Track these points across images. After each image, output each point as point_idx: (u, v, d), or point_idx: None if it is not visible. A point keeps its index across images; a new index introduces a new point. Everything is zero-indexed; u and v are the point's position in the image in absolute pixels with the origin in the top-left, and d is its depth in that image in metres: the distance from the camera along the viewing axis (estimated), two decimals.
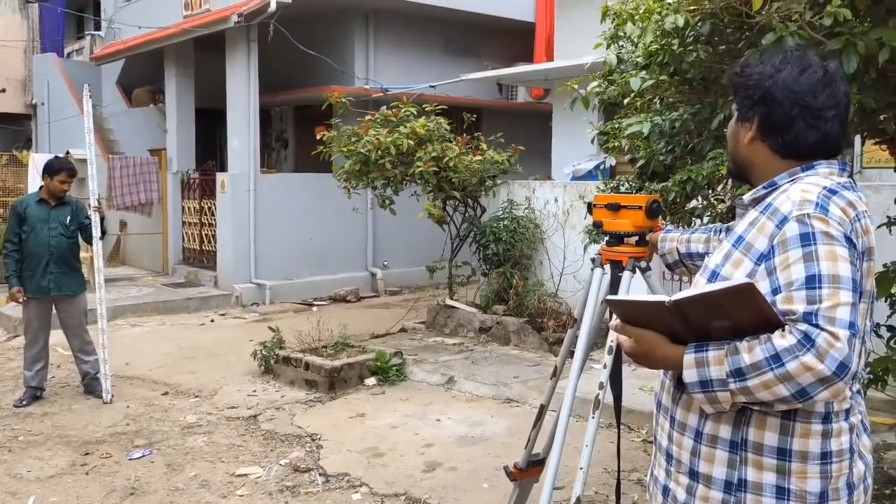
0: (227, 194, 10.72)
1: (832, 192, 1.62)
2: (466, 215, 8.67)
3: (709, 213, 4.00)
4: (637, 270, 2.55)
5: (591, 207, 2.68)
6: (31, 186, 11.09)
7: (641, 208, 2.52)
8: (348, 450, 5.02)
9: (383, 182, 8.12)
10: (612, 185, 5.12)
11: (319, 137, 8.34)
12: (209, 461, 4.85)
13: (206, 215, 11.56)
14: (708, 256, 1.85)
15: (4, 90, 18.21)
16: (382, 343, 7.65)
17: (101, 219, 6.06)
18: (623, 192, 4.63)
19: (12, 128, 18.60)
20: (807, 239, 1.56)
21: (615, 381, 2.57)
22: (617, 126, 4.52)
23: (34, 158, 11.92)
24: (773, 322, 1.53)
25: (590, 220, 2.74)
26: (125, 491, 4.40)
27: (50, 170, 5.99)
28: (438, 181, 8.04)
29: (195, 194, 11.83)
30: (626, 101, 4.17)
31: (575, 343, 2.73)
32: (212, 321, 9.51)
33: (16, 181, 14.63)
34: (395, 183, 8.11)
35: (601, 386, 2.46)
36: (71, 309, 6.09)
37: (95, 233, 6.01)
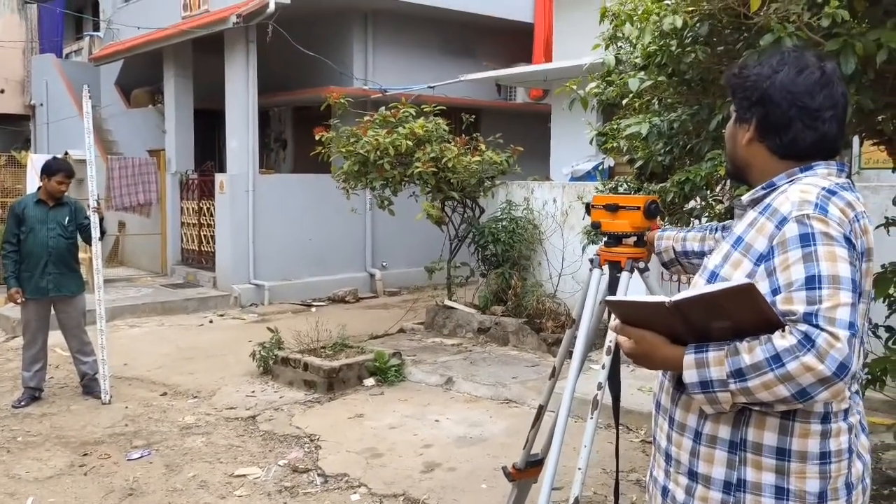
0: (226, 195, 10.72)
1: (831, 193, 1.63)
2: (465, 216, 8.67)
3: (707, 214, 4.00)
4: (635, 271, 2.55)
5: (590, 208, 2.68)
6: (30, 187, 11.10)
7: (640, 209, 2.52)
8: (347, 450, 5.02)
9: (382, 183, 8.12)
10: (611, 186, 5.11)
11: (318, 138, 8.34)
12: (208, 462, 4.85)
13: (205, 216, 11.56)
14: (707, 257, 1.85)
15: (3, 91, 18.20)
16: (381, 344, 7.65)
17: (101, 219, 6.07)
18: (621, 193, 4.63)
19: (11, 128, 18.59)
20: (806, 239, 1.56)
21: (613, 382, 2.58)
22: (615, 127, 4.52)
23: (33, 159, 11.91)
24: (773, 322, 1.53)
25: (588, 221, 2.74)
26: (124, 492, 4.39)
27: (48, 170, 5.99)
28: (437, 182, 8.04)
29: (194, 195, 11.83)
30: (625, 102, 4.18)
31: (573, 344, 2.73)
32: (210, 322, 9.51)
33: (14, 182, 14.64)
34: (394, 184, 8.11)
35: (600, 386, 2.46)
36: (69, 310, 6.09)
37: (95, 233, 6.01)
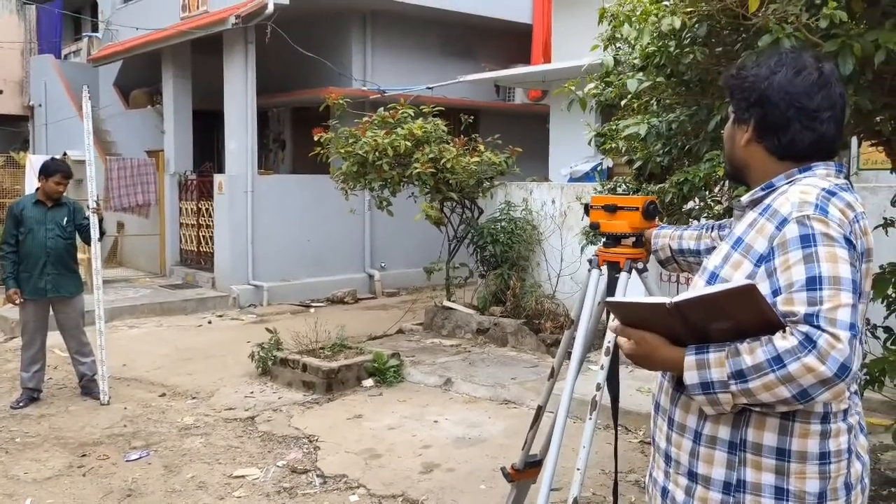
0: (225, 196, 10.71)
1: (831, 194, 1.63)
2: (464, 217, 8.67)
3: (706, 215, 4.01)
4: (634, 271, 2.55)
5: (588, 209, 2.68)
6: (29, 188, 11.08)
7: (638, 209, 2.52)
8: (346, 451, 5.02)
9: (381, 183, 8.12)
10: (609, 187, 5.12)
11: (317, 139, 8.33)
12: (206, 463, 4.84)
13: (204, 217, 11.56)
14: (706, 258, 1.85)
15: (2, 91, 18.19)
16: (380, 344, 7.65)
17: (100, 220, 6.06)
18: (620, 194, 4.63)
19: (9, 129, 18.59)
20: (807, 240, 1.56)
21: (612, 383, 2.58)
22: (614, 127, 4.53)
23: (31, 160, 11.89)
24: (774, 323, 1.53)
25: (587, 222, 2.74)
26: (122, 492, 4.39)
27: (45, 171, 5.99)
28: (436, 182, 8.04)
29: (193, 196, 11.83)
30: (624, 103, 4.18)
31: (572, 344, 2.73)
32: (209, 323, 9.51)
33: (13, 183, 14.62)
34: (393, 184, 8.11)
35: (598, 387, 2.46)
36: (68, 310, 6.08)
37: (94, 234, 6.00)
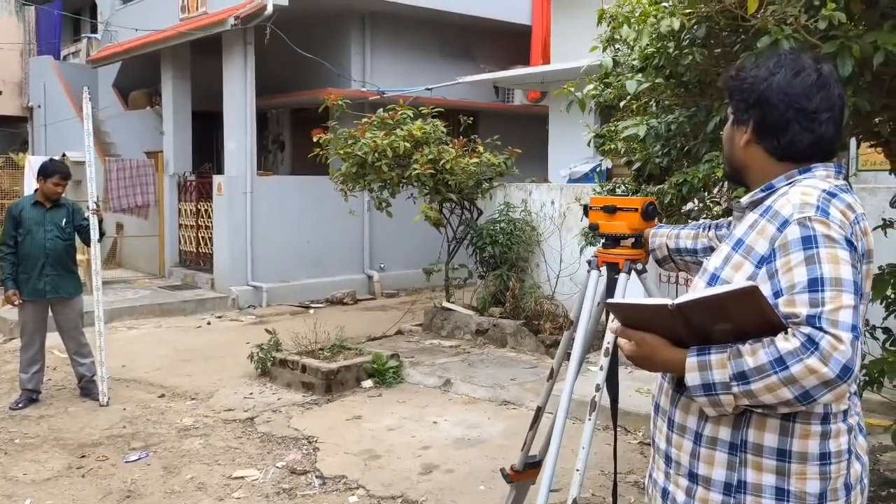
0: (224, 197, 10.71)
1: (831, 195, 1.63)
2: (463, 218, 8.67)
3: (705, 216, 4.01)
4: (633, 272, 2.55)
5: (588, 210, 2.68)
6: (28, 189, 11.08)
7: (637, 210, 2.52)
8: (345, 452, 5.02)
9: (380, 184, 8.12)
10: (609, 188, 5.12)
11: (316, 140, 8.33)
12: (206, 464, 4.84)
13: (203, 218, 11.55)
14: (706, 259, 1.85)
15: (1, 92, 18.19)
16: (379, 345, 7.65)
17: (100, 221, 6.06)
18: (619, 195, 4.64)
19: (8, 130, 18.58)
20: (808, 242, 1.56)
21: (611, 384, 2.58)
22: (613, 129, 4.53)
23: (30, 161, 11.90)
24: (776, 325, 1.53)
25: (586, 223, 2.74)
26: (121, 494, 4.39)
27: (44, 172, 5.98)
28: (435, 184, 8.04)
29: (192, 197, 11.83)
30: (623, 104, 4.18)
31: (571, 345, 2.73)
32: (208, 324, 9.51)
33: (12, 184, 14.61)
34: (392, 185, 8.11)
35: (598, 388, 2.46)
36: (67, 311, 6.08)
37: (94, 235, 6.00)
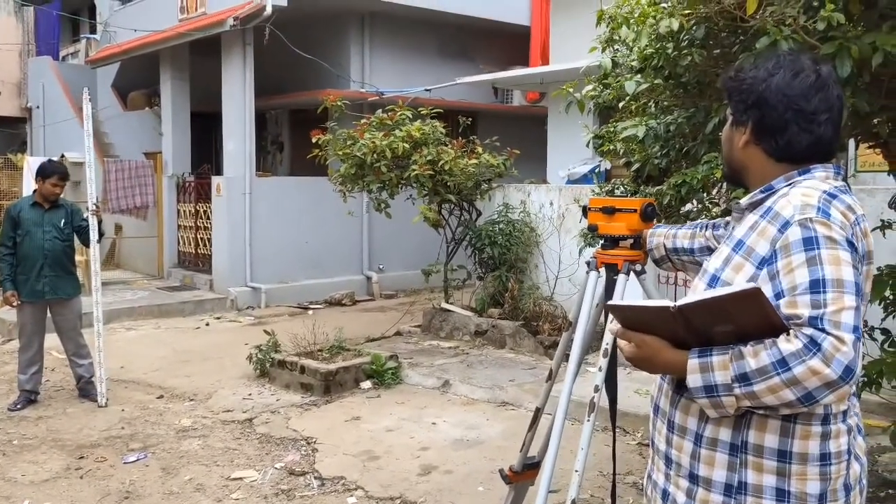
0: (223, 198, 10.71)
1: (832, 197, 1.63)
2: (462, 219, 8.67)
3: (704, 217, 4.01)
4: (632, 273, 2.55)
5: (586, 211, 2.68)
6: (26, 190, 11.08)
7: (636, 211, 2.52)
8: (344, 453, 5.02)
9: (379, 185, 8.12)
10: (607, 189, 5.12)
11: (315, 141, 8.33)
12: (204, 465, 4.84)
13: (202, 219, 11.55)
14: (705, 260, 1.85)
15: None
16: (378, 346, 7.65)
17: (99, 222, 6.06)
18: (618, 196, 4.64)
19: (7, 131, 18.56)
20: (810, 243, 1.56)
21: (610, 385, 2.58)
22: (612, 129, 4.53)
23: (29, 162, 11.89)
24: (777, 327, 1.53)
25: (585, 224, 2.74)
26: (120, 495, 4.38)
27: (42, 173, 5.98)
28: (434, 185, 8.04)
29: (191, 198, 11.82)
30: (621, 105, 4.18)
31: (570, 346, 2.73)
32: (207, 325, 9.50)
33: (10, 185, 14.60)
34: (391, 186, 8.11)
35: (596, 389, 2.46)
36: (65, 312, 6.08)
37: (93, 236, 5.99)
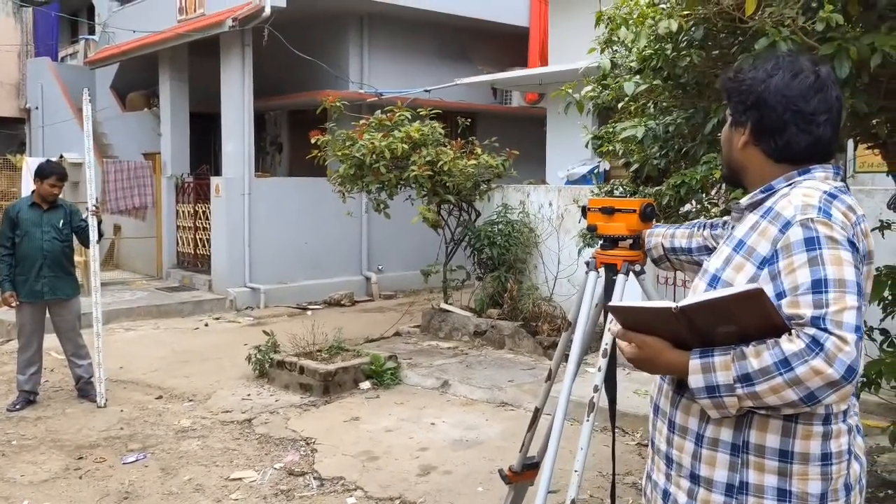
0: (222, 198, 10.71)
1: (833, 197, 1.64)
2: (461, 219, 8.68)
3: (703, 217, 4.01)
4: (631, 274, 2.56)
5: (585, 211, 2.68)
6: (25, 190, 11.07)
7: (635, 212, 2.52)
8: (343, 454, 5.02)
9: (378, 186, 8.13)
10: (606, 189, 5.12)
11: (314, 141, 8.34)
12: (203, 465, 4.84)
13: (201, 219, 11.55)
14: (705, 260, 1.85)
15: None
16: (377, 347, 7.65)
17: (99, 222, 6.05)
18: (617, 196, 4.64)
19: (6, 132, 18.54)
20: (811, 243, 1.56)
21: (610, 385, 2.58)
22: (611, 130, 4.53)
23: (28, 162, 11.88)
24: (779, 327, 1.53)
25: (584, 225, 2.74)
26: (119, 495, 4.38)
27: (40, 173, 5.98)
28: (433, 185, 8.04)
29: (189, 198, 11.82)
30: (620, 106, 4.19)
31: (569, 347, 2.73)
32: (206, 325, 9.50)
33: (9, 185, 14.60)
34: (390, 187, 8.11)
35: (596, 389, 2.46)
36: (64, 313, 6.07)
37: (93, 236, 5.99)
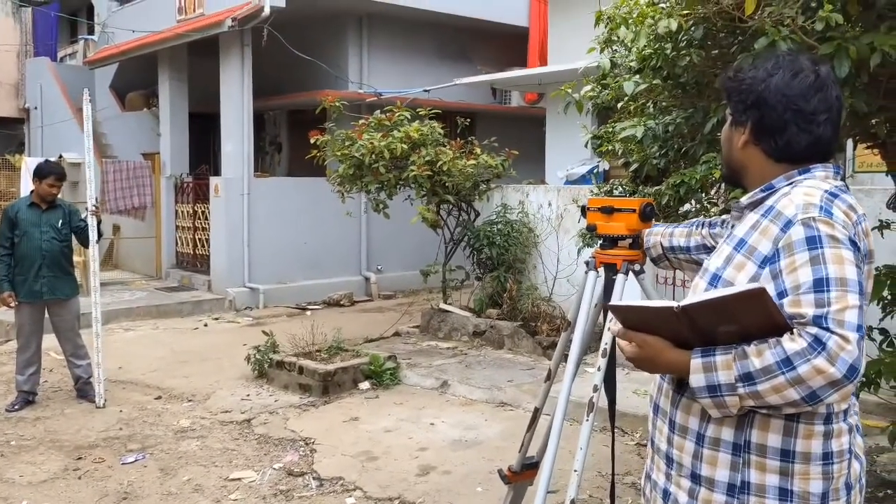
0: (221, 198, 10.70)
1: (834, 196, 1.63)
2: (460, 219, 8.67)
3: (702, 216, 4.01)
4: (631, 273, 2.56)
5: (585, 211, 2.68)
6: (24, 191, 11.05)
7: (635, 211, 2.52)
8: (342, 454, 5.01)
9: (377, 186, 8.12)
10: (606, 189, 5.12)
11: (313, 141, 8.33)
12: (203, 465, 4.83)
13: (200, 219, 11.54)
14: (706, 259, 1.84)
15: None
16: (376, 347, 7.65)
17: (98, 222, 6.05)
18: (617, 196, 4.64)
19: (5, 132, 18.53)
20: (813, 242, 1.56)
21: (609, 385, 2.58)
22: (610, 130, 4.53)
23: (27, 162, 11.87)
24: (781, 326, 1.53)
25: (583, 224, 2.74)
26: (118, 496, 4.38)
27: (39, 173, 5.97)
28: (432, 185, 8.04)
29: (189, 198, 11.82)
30: (620, 105, 4.19)
31: (569, 346, 2.73)
32: (205, 325, 9.49)
33: (8, 185, 14.59)
34: (389, 187, 8.11)
35: (595, 389, 2.46)
36: (63, 313, 6.07)
37: (92, 236, 5.99)
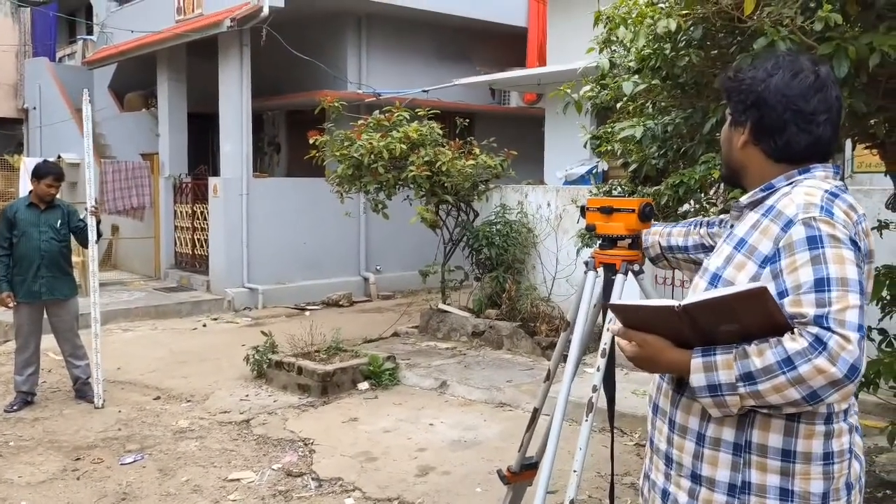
0: (220, 199, 10.70)
1: (834, 196, 1.64)
2: (459, 220, 8.67)
3: (702, 217, 4.01)
4: (630, 273, 2.56)
5: (584, 211, 2.68)
6: (23, 191, 11.04)
7: (634, 212, 2.52)
8: (341, 454, 5.01)
9: (376, 186, 8.12)
10: (605, 189, 5.12)
11: (312, 142, 8.33)
12: (201, 466, 4.83)
13: (199, 220, 11.53)
14: (706, 258, 1.84)
15: None
16: (375, 347, 7.64)
17: (97, 222, 6.04)
18: (616, 196, 4.64)
19: (4, 132, 18.52)
20: (814, 242, 1.56)
21: (609, 385, 2.58)
22: (609, 130, 4.53)
23: (26, 163, 11.86)
24: (782, 326, 1.53)
25: (582, 224, 2.74)
26: (117, 496, 4.37)
27: (37, 173, 5.97)
28: (431, 185, 8.04)
29: (187, 199, 11.81)
30: (619, 106, 4.19)
31: (568, 347, 2.73)
32: (204, 326, 9.49)
33: (7, 186, 14.58)
34: (388, 187, 8.11)
35: (594, 389, 2.46)
36: (62, 313, 6.06)
37: (92, 236, 5.98)
